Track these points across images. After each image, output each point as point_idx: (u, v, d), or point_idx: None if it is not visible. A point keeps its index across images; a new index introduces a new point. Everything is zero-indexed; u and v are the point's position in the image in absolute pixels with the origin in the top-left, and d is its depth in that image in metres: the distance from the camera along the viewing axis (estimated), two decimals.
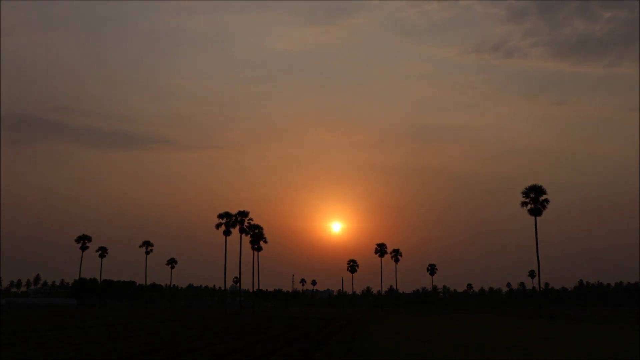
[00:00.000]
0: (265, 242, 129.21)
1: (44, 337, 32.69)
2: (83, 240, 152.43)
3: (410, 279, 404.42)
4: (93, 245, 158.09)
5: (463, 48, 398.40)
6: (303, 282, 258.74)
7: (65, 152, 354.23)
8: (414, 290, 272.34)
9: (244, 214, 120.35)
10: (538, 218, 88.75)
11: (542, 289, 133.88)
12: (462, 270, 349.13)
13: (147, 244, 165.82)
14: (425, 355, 23.69)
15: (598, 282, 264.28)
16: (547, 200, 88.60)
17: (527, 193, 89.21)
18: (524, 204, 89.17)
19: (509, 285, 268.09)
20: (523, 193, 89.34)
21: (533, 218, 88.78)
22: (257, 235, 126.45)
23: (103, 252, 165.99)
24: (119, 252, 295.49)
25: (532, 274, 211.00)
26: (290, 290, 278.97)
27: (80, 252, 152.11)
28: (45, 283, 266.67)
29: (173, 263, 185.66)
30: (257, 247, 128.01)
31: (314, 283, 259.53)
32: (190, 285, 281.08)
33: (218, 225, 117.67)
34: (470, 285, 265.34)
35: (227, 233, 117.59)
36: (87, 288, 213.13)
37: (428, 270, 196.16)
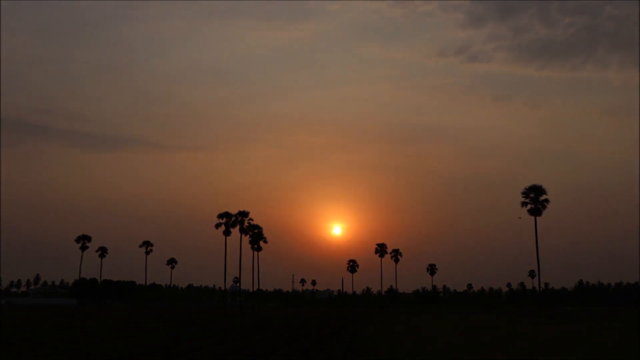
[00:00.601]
0: (265, 242, 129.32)
1: (44, 337, 32.68)
2: (83, 240, 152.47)
3: (410, 279, 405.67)
4: (93, 245, 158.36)
5: (426, 52, 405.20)
6: (303, 282, 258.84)
7: (67, 153, 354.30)
8: (414, 290, 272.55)
9: (244, 214, 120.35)
10: (538, 218, 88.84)
11: (542, 289, 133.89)
12: (462, 270, 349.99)
13: (147, 244, 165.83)
14: (425, 355, 23.69)
15: (598, 282, 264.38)
16: (547, 200, 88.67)
17: (527, 193, 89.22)
18: (524, 204, 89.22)
19: (509, 285, 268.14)
20: (523, 193, 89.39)
21: (533, 218, 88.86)
22: (257, 235, 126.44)
23: (103, 252, 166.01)
24: (119, 252, 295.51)
25: (532, 274, 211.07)
26: (290, 290, 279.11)
27: (80, 252, 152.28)
28: (45, 283, 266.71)
29: (173, 263, 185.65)
30: (257, 247, 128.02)
31: (314, 283, 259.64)
32: (190, 285, 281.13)
33: (218, 225, 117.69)
34: (470, 285, 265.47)
35: (227, 233, 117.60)
36: (87, 288, 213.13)
37: (428, 270, 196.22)
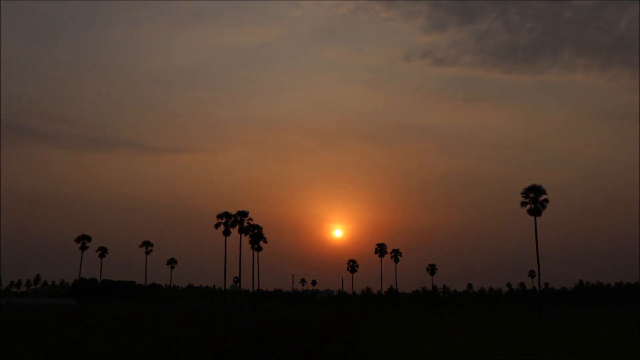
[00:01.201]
0: (265, 242, 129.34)
1: (44, 337, 32.68)
2: (83, 240, 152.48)
3: (410, 279, 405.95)
4: (93, 245, 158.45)
5: (392, 56, 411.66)
6: (303, 282, 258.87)
7: (66, 153, 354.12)
8: (414, 290, 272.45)
9: (244, 214, 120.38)
10: (538, 218, 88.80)
11: (542, 289, 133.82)
12: (462, 270, 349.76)
13: (147, 244, 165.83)
14: (426, 356, 23.69)
15: (598, 282, 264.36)
16: (546, 200, 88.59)
17: (526, 193, 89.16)
18: (524, 204, 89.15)
19: (509, 285, 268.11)
20: (522, 193, 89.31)
21: (533, 218, 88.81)
22: (256, 235, 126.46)
23: (103, 252, 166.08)
24: (119, 252, 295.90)
25: (532, 274, 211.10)
26: (290, 290, 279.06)
27: (80, 252, 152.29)
28: (45, 283, 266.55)
29: (173, 263, 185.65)
30: (257, 247, 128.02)
31: (314, 283, 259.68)
32: (190, 285, 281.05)
33: (217, 225, 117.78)
34: (470, 285, 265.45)
35: (226, 233, 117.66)
36: (87, 288, 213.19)
37: (428, 270, 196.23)
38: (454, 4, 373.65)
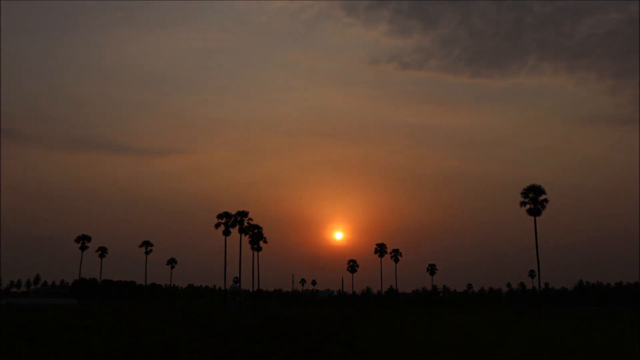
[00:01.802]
0: (265, 242, 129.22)
1: (44, 337, 32.68)
2: (83, 240, 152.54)
3: (410, 279, 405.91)
4: (93, 245, 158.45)
5: (358, 60, 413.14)
6: (303, 282, 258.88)
7: (65, 153, 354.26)
8: (414, 290, 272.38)
9: (244, 214, 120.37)
10: (537, 218, 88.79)
11: (542, 289, 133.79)
12: (462, 270, 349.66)
13: (147, 244, 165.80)
14: (425, 355, 23.70)
15: (598, 282, 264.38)
16: (546, 200, 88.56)
17: (526, 193, 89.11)
18: (523, 204, 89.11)
19: (509, 285, 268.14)
20: (522, 193, 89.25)
21: (532, 218, 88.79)
22: (256, 235, 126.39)
23: (103, 252, 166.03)
24: (119, 252, 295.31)
25: (532, 274, 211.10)
26: (290, 290, 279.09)
27: (80, 252, 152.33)
28: (45, 283, 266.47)
29: (173, 263, 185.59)
30: (256, 247, 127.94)
31: (314, 283, 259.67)
32: (190, 285, 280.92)
33: (217, 225, 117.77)
34: (470, 285, 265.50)
35: (226, 233, 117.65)
36: (87, 288, 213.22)
37: (428, 270, 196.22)
38: (415, 11, 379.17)
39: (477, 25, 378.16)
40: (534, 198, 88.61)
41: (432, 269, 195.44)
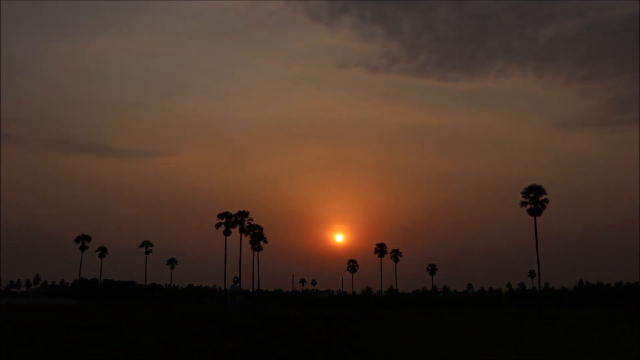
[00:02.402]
0: (265, 242, 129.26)
1: (44, 338, 32.69)
2: (83, 240, 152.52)
3: (410, 279, 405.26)
4: (93, 245, 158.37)
5: (326, 65, 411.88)
6: (303, 282, 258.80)
7: (64, 154, 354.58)
8: (414, 290, 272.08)
9: (244, 214, 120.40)
10: (538, 218, 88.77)
11: (542, 289, 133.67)
12: (462, 270, 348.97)
13: (147, 244, 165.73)
14: (425, 355, 23.71)
15: (598, 282, 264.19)
16: (546, 200, 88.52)
17: (526, 193, 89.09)
18: (523, 204, 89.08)
19: (509, 285, 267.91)
20: (522, 193, 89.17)
21: (533, 218, 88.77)
22: (257, 235, 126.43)
23: (103, 252, 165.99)
24: (119, 252, 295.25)
25: (532, 274, 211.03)
26: (290, 290, 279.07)
27: (80, 252, 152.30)
28: (45, 283, 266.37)
29: (173, 263, 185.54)
30: (257, 247, 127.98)
31: (314, 283, 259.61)
32: (190, 285, 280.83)
33: (218, 225, 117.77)
34: (470, 285, 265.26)
35: (227, 233, 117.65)
36: (87, 288, 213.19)
37: (428, 270, 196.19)
38: (377, 18, 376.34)
39: (441, 31, 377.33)
40: (535, 198, 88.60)
41: (432, 269, 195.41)
